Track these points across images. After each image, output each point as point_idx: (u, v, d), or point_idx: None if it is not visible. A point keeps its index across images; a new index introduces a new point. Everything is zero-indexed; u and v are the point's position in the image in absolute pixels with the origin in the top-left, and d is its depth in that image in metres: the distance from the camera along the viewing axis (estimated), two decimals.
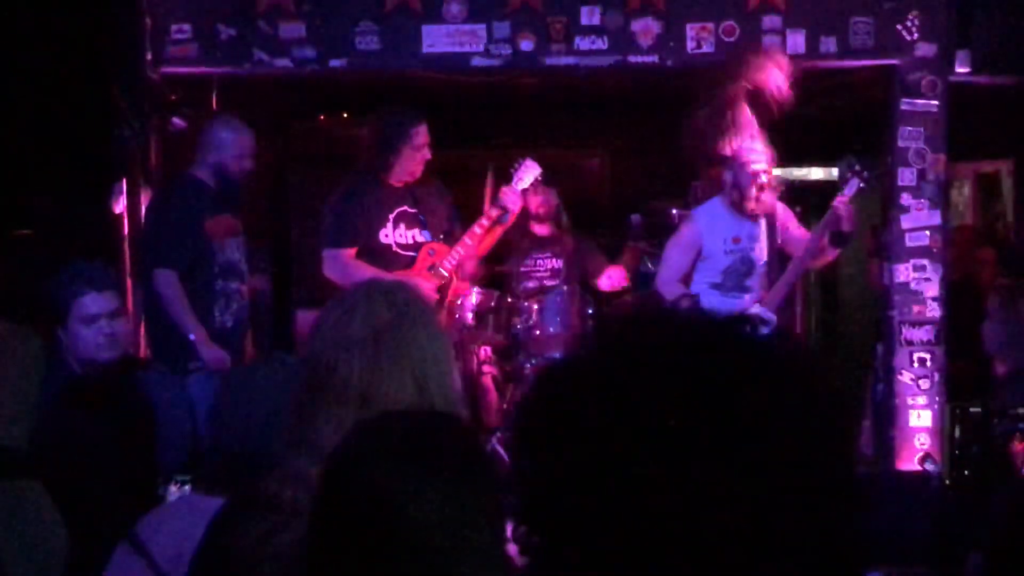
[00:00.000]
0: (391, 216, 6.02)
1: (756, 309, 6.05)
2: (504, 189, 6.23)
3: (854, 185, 6.08)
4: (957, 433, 6.16)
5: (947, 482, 6.02)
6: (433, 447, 1.62)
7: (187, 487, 3.03)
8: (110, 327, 4.13)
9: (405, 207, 6.04)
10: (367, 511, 1.56)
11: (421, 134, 6.00)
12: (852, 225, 6.12)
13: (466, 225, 6.28)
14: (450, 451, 1.62)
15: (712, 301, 6.10)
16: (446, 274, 6.06)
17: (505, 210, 6.19)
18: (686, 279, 6.26)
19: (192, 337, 5.45)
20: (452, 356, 2.20)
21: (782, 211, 6.30)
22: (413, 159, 5.99)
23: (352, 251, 5.97)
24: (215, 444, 2.71)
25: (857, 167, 6.10)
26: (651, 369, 0.99)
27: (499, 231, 6.36)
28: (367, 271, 5.87)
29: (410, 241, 6.07)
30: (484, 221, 6.14)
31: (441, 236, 6.17)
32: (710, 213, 6.26)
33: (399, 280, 2.54)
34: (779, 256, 6.25)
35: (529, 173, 6.34)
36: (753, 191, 6.06)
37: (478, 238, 6.14)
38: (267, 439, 2.49)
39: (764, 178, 6.10)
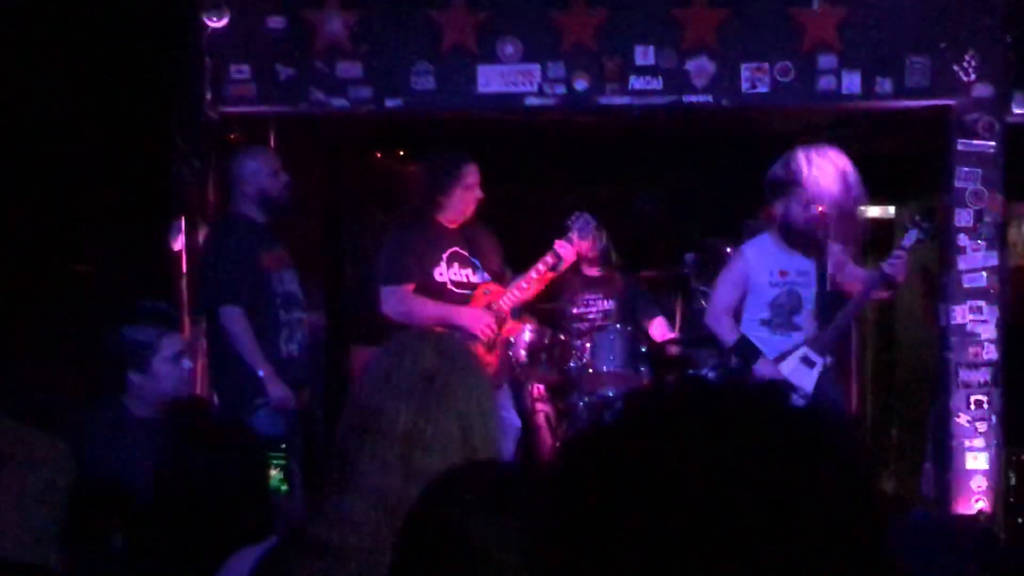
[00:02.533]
0: (444, 256, 6.03)
1: (804, 350, 6.01)
2: (559, 242, 6.22)
3: (912, 236, 5.99)
4: (1012, 480, 6.10)
5: (1000, 532, 5.95)
6: (518, 495, 1.63)
7: None
8: (187, 365, 4.35)
9: (457, 248, 6.06)
10: (452, 559, 1.57)
11: (472, 173, 6.03)
12: (904, 275, 6.05)
13: (515, 269, 6.30)
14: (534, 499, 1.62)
15: (761, 338, 6.06)
16: (502, 315, 6.08)
17: (559, 259, 6.18)
18: (736, 315, 6.22)
19: (260, 373, 5.50)
20: (496, 407, 2.22)
21: (838, 251, 6.24)
22: (464, 198, 6.02)
23: (411, 286, 6.00)
24: None
25: (918, 218, 6.04)
26: (676, 443, 0.99)
27: (549, 277, 6.36)
28: (429, 306, 5.92)
29: (464, 280, 6.09)
30: (541, 266, 6.14)
31: (492, 279, 6.19)
32: (758, 246, 6.23)
33: (447, 333, 2.58)
34: (834, 296, 6.20)
35: (585, 227, 6.31)
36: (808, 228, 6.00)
37: (533, 282, 6.15)
38: None
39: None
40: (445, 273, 6.04)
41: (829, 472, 1.00)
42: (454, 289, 6.05)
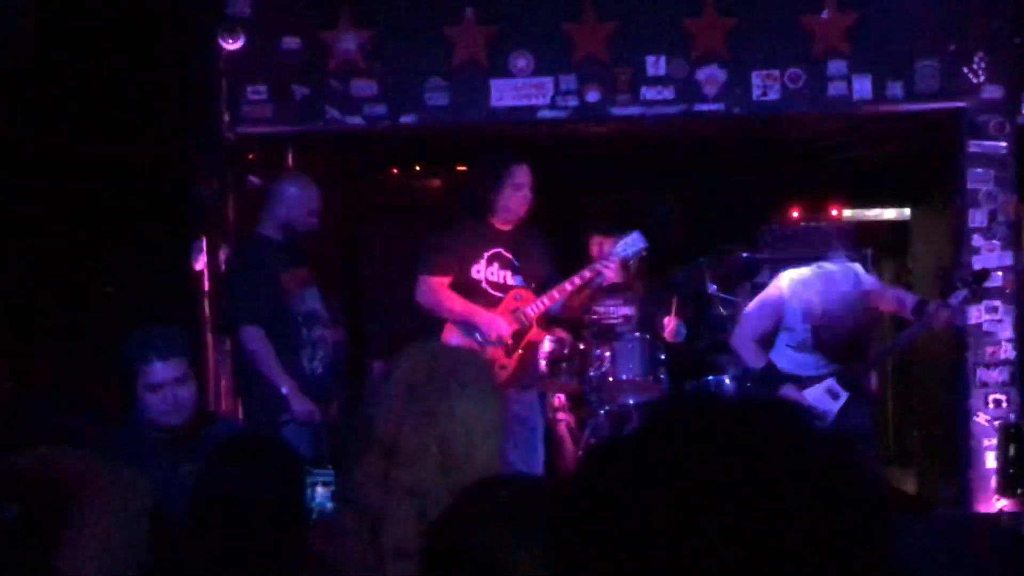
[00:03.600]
0: (486, 254, 6.10)
1: (831, 382, 5.91)
2: (603, 261, 6.24)
3: (960, 296, 5.77)
4: (1011, 452, 6.12)
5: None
6: (540, 511, 1.62)
7: None
8: (174, 395, 4.16)
9: (501, 249, 6.12)
10: (476, 571, 1.60)
11: (521, 173, 6.07)
12: (944, 326, 5.89)
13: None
14: None
15: (789, 357, 6.01)
16: (527, 321, 6.12)
17: (600, 274, 6.20)
18: (764, 339, 6.13)
19: (284, 390, 5.55)
20: (494, 428, 2.13)
21: (872, 284, 6.11)
22: (514, 198, 6.07)
23: (445, 279, 6.07)
24: None
25: (970, 279, 5.84)
26: (693, 459, 1.01)
27: (588, 292, 6.37)
28: (455, 301, 6.00)
29: (501, 281, 6.15)
30: (576, 280, 6.15)
31: (533, 285, 6.22)
32: (799, 285, 5.94)
33: (460, 347, 2.55)
34: (863, 326, 6.14)
35: (633, 247, 6.31)
36: None
37: (567, 293, 6.16)
38: None
39: None
40: (483, 271, 6.11)
41: (840, 490, 1.02)
42: (488, 288, 6.11)
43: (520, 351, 6.14)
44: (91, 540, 2.13)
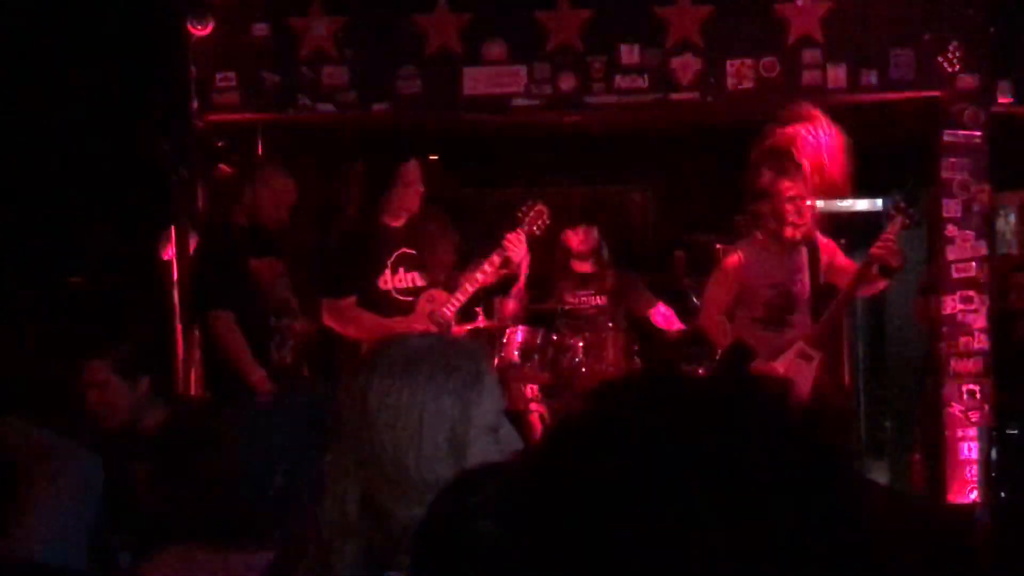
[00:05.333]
0: (389, 261, 5.98)
1: (801, 345, 6.03)
2: (509, 236, 6.13)
3: (898, 223, 6.00)
4: (995, 455, 6.16)
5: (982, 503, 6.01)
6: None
7: None
8: (95, 397, 4.19)
9: (404, 249, 6.00)
10: (466, 566, 1.55)
11: (409, 171, 5.98)
12: (898, 259, 6.03)
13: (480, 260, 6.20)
14: None
15: (754, 335, 6.08)
16: (444, 322, 5.99)
17: (507, 258, 6.10)
18: (729, 313, 6.24)
19: (252, 377, 5.51)
20: (439, 433, 1.93)
21: (825, 243, 6.26)
22: (406, 195, 5.98)
23: (351, 299, 5.96)
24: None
25: (902, 204, 6.03)
26: (646, 438, 0.97)
27: (501, 274, 6.22)
28: (367, 319, 5.89)
29: (410, 285, 6.01)
30: (487, 267, 6.06)
31: (443, 277, 6.11)
32: (751, 248, 6.23)
33: (461, 341, 2.48)
34: (823, 289, 6.21)
35: (539, 219, 6.24)
36: (790, 216, 6.01)
37: (479, 283, 6.06)
38: None
39: (799, 203, 6.06)
40: (389, 280, 5.98)
41: (803, 466, 0.98)
42: (398, 296, 5.98)
43: None
44: (40, 516, 2.06)
